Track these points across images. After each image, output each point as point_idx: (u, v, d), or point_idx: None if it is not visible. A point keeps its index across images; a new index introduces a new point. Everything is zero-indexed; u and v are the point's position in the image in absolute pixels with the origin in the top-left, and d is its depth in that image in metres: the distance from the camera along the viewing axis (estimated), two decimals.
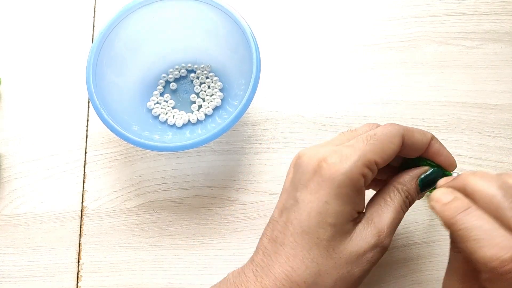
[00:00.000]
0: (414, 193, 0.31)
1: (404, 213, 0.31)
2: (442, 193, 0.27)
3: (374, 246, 0.29)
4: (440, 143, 0.32)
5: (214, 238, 0.40)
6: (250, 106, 0.38)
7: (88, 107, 0.45)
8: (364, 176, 0.28)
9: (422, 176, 0.31)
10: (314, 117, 0.44)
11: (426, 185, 0.31)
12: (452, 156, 0.32)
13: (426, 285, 0.38)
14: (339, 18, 0.48)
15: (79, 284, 0.40)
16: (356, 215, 0.29)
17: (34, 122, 0.45)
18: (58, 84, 0.46)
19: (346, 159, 0.28)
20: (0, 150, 0.44)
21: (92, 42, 0.47)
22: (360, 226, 0.29)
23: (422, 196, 0.33)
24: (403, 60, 0.46)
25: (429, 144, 0.31)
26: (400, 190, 0.30)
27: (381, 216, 0.29)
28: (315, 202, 0.28)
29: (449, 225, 0.26)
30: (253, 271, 0.29)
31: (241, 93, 0.41)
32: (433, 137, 0.31)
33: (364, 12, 0.48)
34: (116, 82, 0.41)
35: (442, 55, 0.46)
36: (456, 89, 0.45)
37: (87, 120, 0.45)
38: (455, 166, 0.32)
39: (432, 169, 0.31)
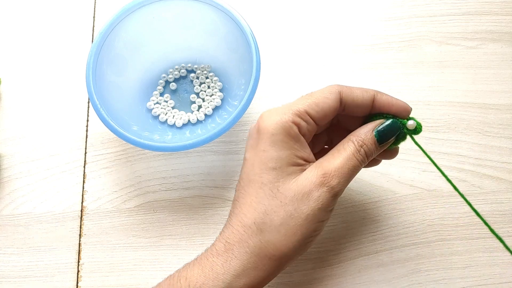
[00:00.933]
0: (371, 143, 0.31)
1: (360, 163, 0.31)
2: None
3: (319, 185, 0.30)
4: (388, 95, 0.32)
5: (214, 238, 0.40)
6: (250, 106, 0.38)
7: (88, 107, 0.45)
8: (296, 124, 0.30)
9: (379, 128, 0.31)
10: None
11: (383, 136, 0.31)
12: (404, 102, 0.32)
13: (426, 285, 0.38)
14: (339, 18, 0.48)
15: (79, 284, 0.40)
16: (299, 160, 0.31)
17: (34, 122, 0.45)
18: (58, 84, 0.46)
19: (277, 112, 0.31)
20: (0, 150, 0.44)
21: (92, 42, 0.47)
22: (307, 170, 0.31)
23: (385, 148, 0.33)
24: (403, 60, 0.46)
25: (374, 99, 0.32)
26: (354, 140, 0.31)
27: (329, 161, 0.31)
28: (256, 154, 0.31)
29: None
30: (220, 232, 0.32)
31: (241, 93, 0.41)
32: (376, 92, 0.32)
33: (364, 12, 0.48)
34: (116, 82, 0.41)
35: (442, 55, 0.46)
36: (456, 89, 0.45)
37: (87, 120, 0.45)
38: (410, 110, 0.32)
39: (387, 120, 0.32)
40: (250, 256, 0.29)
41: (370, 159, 0.32)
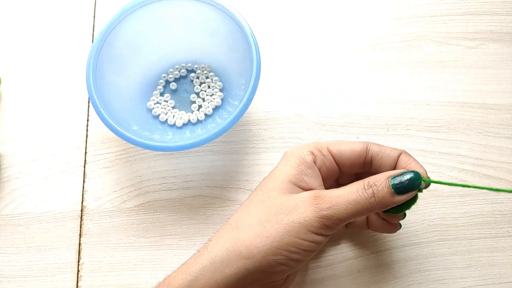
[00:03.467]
0: (383, 186, 0.29)
1: (364, 201, 0.29)
2: None
3: (307, 203, 0.29)
4: (412, 157, 0.32)
5: None
6: (250, 106, 0.38)
7: (88, 107, 0.45)
8: (313, 154, 0.32)
9: (396, 176, 0.30)
10: (314, 117, 0.44)
11: (400, 187, 0.30)
12: (423, 168, 0.31)
13: (426, 285, 0.38)
14: (339, 18, 0.48)
15: (79, 284, 0.40)
16: (304, 184, 0.31)
17: (34, 122, 0.45)
18: (58, 84, 0.46)
19: (303, 144, 0.33)
20: (0, 150, 0.44)
21: (92, 42, 0.47)
22: (306, 191, 0.31)
23: (403, 200, 0.30)
24: (403, 60, 0.46)
25: (399, 156, 0.32)
26: (366, 180, 0.30)
27: (331, 190, 0.30)
28: (271, 170, 0.33)
29: None
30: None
31: (241, 93, 0.41)
32: (403, 151, 0.32)
33: (364, 12, 0.48)
34: (116, 82, 0.41)
35: (442, 55, 0.46)
36: (456, 89, 0.45)
37: (87, 120, 0.45)
38: (423, 172, 0.31)
39: (407, 171, 0.30)
40: (221, 249, 0.30)
41: (380, 205, 0.30)
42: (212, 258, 0.29)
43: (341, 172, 0.34)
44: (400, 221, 0.36)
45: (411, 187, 0.30)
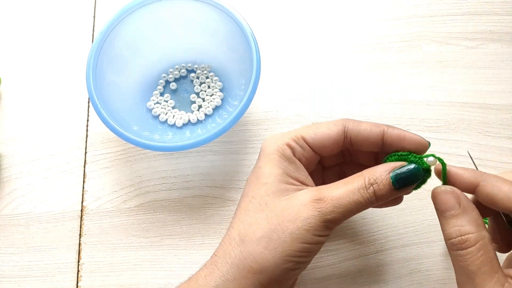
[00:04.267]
0: (384, 184, 0.29)
1: (365, 200, 0.29)
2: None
3: (309, 207, 0.29)
4: (400, 129, 0.31)
5: (214, 238, 0.40)
6: (250, 106, 0.38)
7: (88, 107, 0.45)
8: (290, 147, 0.31)
9: (397, 171, 0.29)
10: (314, 117, 0.44)
11: (400, 181, 0.29)
12: (419, 136, 0.30)
13: (426, 285, 0.38)
14: (339, 18, 0.48)
15: (79, 284, 0.40)
16: (292, 180, 0.31)
17: (34, 122, 0.45)
18: (58, 84, 0.46)
19: (277, 136, 0.32)
20: (0, 150, 0.44)
21: (92, 42, 0.47)
22: (303, 191, 0.30)
23: (401, 194, 0.30)
24: (403, 60, 0.46)
25: (384, 133, 0.31)
26: (366, 176, 0.29)
27: (330, 188, 0.29)
28: (253, 172, 0.32)
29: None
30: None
31: (241, 93, 0.41)
32: (387, 126, 0.31)
33: (364, 12, 0.48)
34: (116, 82, 0.41)
35: (442, 55, 0.46)
36: (456, 89, 0.45)
37: (87, 120, 0.45)
38: (426, 144, 0.30)
39: (409, 164, 0.29)
40: (231, 267, 0.29)
41: (381, 201, 0.29)
42: (224, 276, 0.29)
43: (323, 156, 0.33)
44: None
45: (413, 181, 0.29)
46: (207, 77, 0.45)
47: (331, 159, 0.35)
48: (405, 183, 0.29)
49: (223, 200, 0.41)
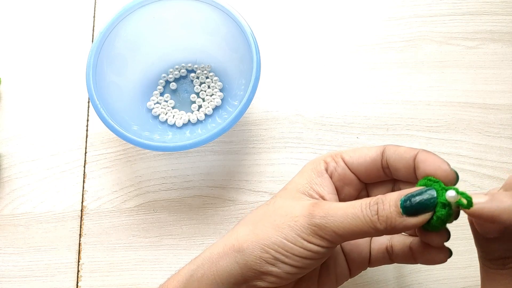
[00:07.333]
0: (390, 205, 0.26)
1: (365, 217, 0.26)
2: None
3: (302, 210, 0.28)
4: (431, 152, 0.28)
5: (214, 238, 0.40)
6: (250, 106, 0.38)
7: (88, 107, 0.45)
8: (325, 162, 0.32)
9: (408, 194, 0.26)
10: (314, 117, 0.44)
11: (410, 207, 0.26)
12: (442, 161, 0.27)
13: (426, 285, 0.38)
14: (339, 18, 0.48)
15: (79, 284, 0.40)
16: (313, 193, 0.31)
17: (34, 122, 0.45)
18: (58, 84, 0.46)
19: (325, 153, 0.33)
20: (0, 150, 0.44)
21: (92, 42, 0.47)
22: (309, 199, 0.30)
23: (411, 224, 0.26)
24: (403, 60, 0.46)
25: (416, 155, 0.28)
26: (375, 199, 0.27)
27: (334, 203, 0.28)
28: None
29: None
30: None
31: (241, 93, 0.41)
32: (420, 150, 0.29)
33: (364, 12, 0.48)
34: (116, 82, 0.41)
35: (442, 55, 0.46)
36: (456, 89, 0.45)
37: (87, 120, 0.45)
38: (446, 170, 0.27)
39: (422, 189, 0.26)
40: (220, 244, 0.30)
41: (386, 225, 0.26)
42: (211, 251, 0.30)
43: (362, 181, 0.31)
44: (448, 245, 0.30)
45: (423, 207, 0.25)
46: (207, 77, 0.45)
47: (377, 189, 0.32)
48: (414, 208, 0.26)
49: (223, 200, 0.41)
